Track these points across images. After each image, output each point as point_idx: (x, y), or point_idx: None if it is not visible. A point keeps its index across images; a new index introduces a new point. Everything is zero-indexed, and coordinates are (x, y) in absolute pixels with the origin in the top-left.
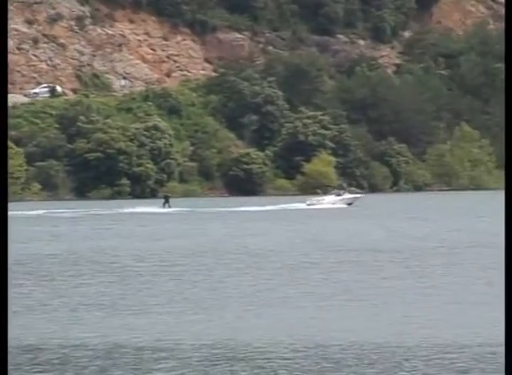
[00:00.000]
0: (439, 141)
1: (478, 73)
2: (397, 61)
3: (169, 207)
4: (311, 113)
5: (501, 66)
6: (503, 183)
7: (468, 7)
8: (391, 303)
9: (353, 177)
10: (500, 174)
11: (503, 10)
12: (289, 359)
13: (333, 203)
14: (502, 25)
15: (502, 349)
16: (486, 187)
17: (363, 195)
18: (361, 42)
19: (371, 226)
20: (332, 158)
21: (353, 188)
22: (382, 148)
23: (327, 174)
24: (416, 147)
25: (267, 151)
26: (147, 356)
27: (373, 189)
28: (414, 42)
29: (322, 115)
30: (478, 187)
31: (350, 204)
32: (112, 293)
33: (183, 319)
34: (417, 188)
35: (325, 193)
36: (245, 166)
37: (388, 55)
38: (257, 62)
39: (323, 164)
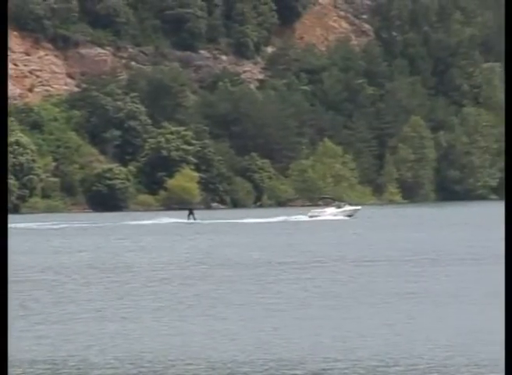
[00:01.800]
0: (302, 157)
1: (341, 88)
2: (260, 76)
3: (194, 219)
4: (173, 128)
5: (363, 81)
6: (365, 199)
7: (331, 23)
8: (239, 319)
9: (216, 193)
10: (363, 189)
11: (365, 26)
12: None
13: (335, 215)
14: (364, 40)
15: (341, 365)
16: (349, 202)
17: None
18: (224, 57)
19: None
20: (195, 174)
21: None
22: (245, 163)
23: (190, 189)
24: (279, 162)
25: (130, 167)
26: None
27: (236, 204)
28: (276, 58)
29: (185, 130)
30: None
31: (350, 216)
32: None
33: (25, 334)
34: (281, 204)
35: (326, 205)
36: (108, 182)
37: (251, 71)
38: (120, 78)
39: (186, 179)
